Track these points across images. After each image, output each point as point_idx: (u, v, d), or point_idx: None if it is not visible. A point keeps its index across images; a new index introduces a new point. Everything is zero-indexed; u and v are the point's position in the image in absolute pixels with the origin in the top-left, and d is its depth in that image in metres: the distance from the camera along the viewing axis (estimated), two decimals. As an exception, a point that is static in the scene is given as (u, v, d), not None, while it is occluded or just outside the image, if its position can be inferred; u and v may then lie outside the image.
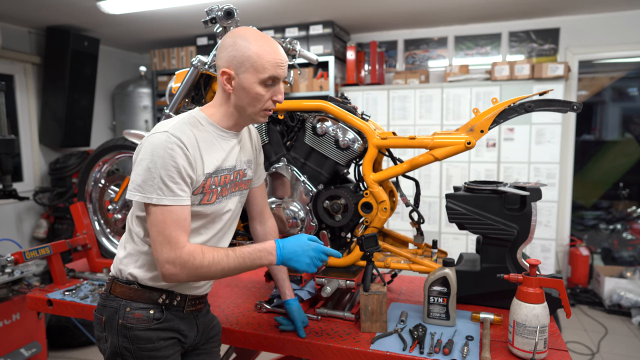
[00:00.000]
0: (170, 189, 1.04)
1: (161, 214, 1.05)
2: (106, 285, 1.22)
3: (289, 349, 1.37)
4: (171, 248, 1.04)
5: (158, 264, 1.06)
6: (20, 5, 3.53)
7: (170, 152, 1.04)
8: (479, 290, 1.52)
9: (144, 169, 1.04)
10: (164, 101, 4.72)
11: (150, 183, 1.04)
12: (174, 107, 1.71)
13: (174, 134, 1.06)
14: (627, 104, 5.61)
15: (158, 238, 1.05)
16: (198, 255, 1.06)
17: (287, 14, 3.94)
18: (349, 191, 1.58)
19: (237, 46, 1.11)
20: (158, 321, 1.15)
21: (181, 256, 1.04)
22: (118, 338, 1.14)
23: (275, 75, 1.13)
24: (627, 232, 4.64)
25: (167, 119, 1.70)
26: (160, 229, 1.05)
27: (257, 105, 1.15)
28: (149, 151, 1.05)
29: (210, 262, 1.07)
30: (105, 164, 2.13)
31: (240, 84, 1.12)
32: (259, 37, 1.12)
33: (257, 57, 1.10)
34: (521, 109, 1.44)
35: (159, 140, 1.05)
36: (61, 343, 3.24)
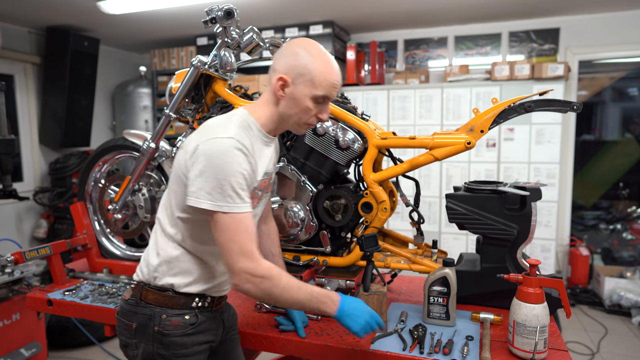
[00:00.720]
0: (240, 196, 1.04)
1: (232, 222, 1.04)
2: (132, 291, 1.20)
3: (289, 349, 1.37)
4: (248, 259, 1.04)
5: (232, 272, 1.05)
6: (20, 5, 3.53)
7: (238, 159, 1.04)
8: (479, 290, 1.52)
9: (211, 176, 1.03)
10: (164, 101, 4.72)
11: (220, 190, 1.02)
12: (174, 107, 1.71)
13: (240, 140, 1.06)
14: (627, 104, 5.61)
15: (232, 246, 1.04)
16: (275, 274, 1.06)
17: (287, 14, 3.94)
18: (349, 191, 1.58)
19: (301, 57, 1.11)
20: (193, 326, 1.16)
21: (258, 269, 1.04)
22: (153, 345, 1.14)
23: (328, 95, 1.14)
24: (627, 232, 4.64)
25: (168, 119, 1.71)
26: (232, 237, 1.04)
27: (302, 117, 1.16)
28: (217, 158, 1.03)
29: (284, 285, 1.07)
30: (105, 164, 2.13)
31: (292, 93, 1.13)
32: (323, 55, 1.14)
33: (318, 74, 1.11)
34: (521, 109, 1.44)
35: (226, 147, 1.03)
36: (61, 343, 3.24)
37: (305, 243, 1.64)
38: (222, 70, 1.64)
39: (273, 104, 1.17)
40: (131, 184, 1.90)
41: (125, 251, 2.10)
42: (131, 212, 2.02)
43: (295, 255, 1.65)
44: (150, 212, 1.95)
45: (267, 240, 1.47)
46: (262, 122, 1.17)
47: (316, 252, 1.63)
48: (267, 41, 1.65)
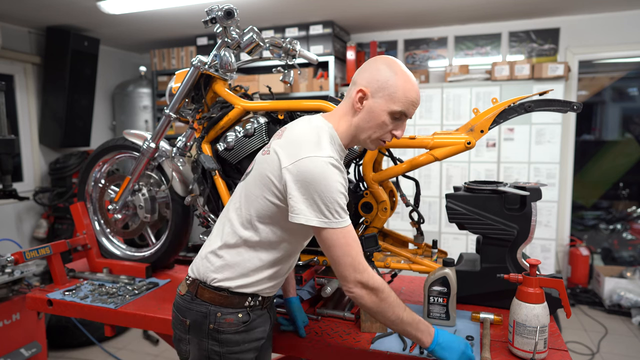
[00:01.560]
0: (344, 211, 1.08)
1: (343, 237, 1.07)
2: (188, 287, 1.22)
3: (289, 349, 1.37)
4: (362, 271, 1.08)
5: (346, 283, 1.09)
6: (20, 5, 3.53)
7: (338, 178, 1.07)
8: (479, 290, 1.52)
9: (317, 196, 1.05)
10: (164, 101, 4.72)
11: (327, 209, 1.05)
12: (174, 107, 1.71)
13: (335, 157, 1.09)
14: (627, 104, 5.61)
15: (346, 259, 1.07)
16: (386, 288, 1.10)
17: (287, 14, 3.94)
18: (349, 191, 1.58)
19: (383, 72, 1.12)
20: (245, 324, 1.19)
21: (372, 281, 1.08)
22: (208, 342, 1.17)
23: (405, 112, 1.14)
24: (627, 232, 4.64)
25: (168, 119, 1.71)
26: (346, 252, 1.07)
27: (376, 132, 1.16)
28: (319, 177, 1.05)
29: (392, 302, 1.10)
30: (105, 164, 2.13)
31: (370, 107, 1.13)
32: (406, 73, 1.14)
33: (398, 89, 1.11)
34: (521, 109, 1.44)
35: (325, 166, 1.06)
36: (61, 343, 3.24)
37: (305, 243, 1.64)
38: (222, 70, 1.63)
39: (350, 116, 1.17)
40: (131, 184, 1.90)
41: (125, 251, 2.11)
42: (131, 212, 2.02)
43: (295, 255, 1.65)
44: (150, 212, 1.95)
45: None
46: (341, 136, 1.18)
47: (316, 252, 1.63)
48: (267, 41, 1.65)
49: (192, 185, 1.73)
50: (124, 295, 1.73)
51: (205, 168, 1.60)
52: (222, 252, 1.19)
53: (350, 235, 1.09)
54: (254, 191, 1.15)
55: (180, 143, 1.76)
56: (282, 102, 1.60)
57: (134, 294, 1.74)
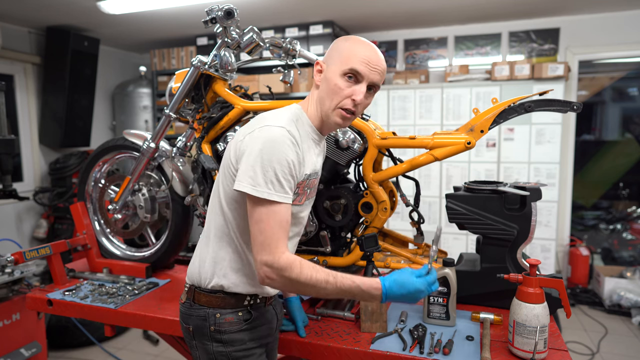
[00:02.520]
0: (281, 185, 1.03)
1: (266, 212, 1.03)
2: (186, 294, 1.23)
3: (289, 349, 1.37)
4: (270, 251, 1.03)
5: (255, 263, 1.06)
6: (20, 5, 3.53)
7: (286, 149, 1.03)
8: (479, 290, 1.52)
9: (257, 162, 1.02)
10: (164, 101, 4.72)
11: (262, 175, 1.01)
12: (174, 107, 1.71)
13: (290, 130, 1.06)
14: (627, 104, 5.61)
15: (259, 237, 1.04)
16: (296, 268, 1.03)
17: (287, 14, 3.94)
18: (349, 191, 1.58)
19: (337, 43, 1.14)
20: (247, 322, 1.19)
21: (278, 262, 1.03)
22: (212, 344, 1.17)
23: (357, 70, 1.08)
24: (627, 232, 4.64)
25: (168, 119, 1.71)
26: (262, 228, 1.03)
27: (333, 98, 1.11)
28: (265, 144, 1.02)
29: (306, 280, 1.03)
30: (105, 164, 2.13)
31: (325, 76, 1.13)
32: (360, 40, 1.13)
33: (346, 50, 1.10)
34: (521, 109, 1.44)
35: (276, 135, 1.03)
36: (61, 343, 3.24)
37: (305, 243, 1.64)
38: (222, 70, 1.64)
39: (313, 94, 1.17)
40: (131, 184, 1.90)
41: (125, 251, 2.11)
42: (131, 212, 2.02)
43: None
44: (150, 212, 1.95)
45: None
46: (312, 118, 1.17)
47: (316, 252, 1.63)
48: (267, 41, 1.65)
49: (192, 185, 1.73)
50: (124, 295, 1.73)
51: (205, 168, 1.60)
52: (207, 253, 1.19)
53: (276, 215, 1.03)
54: (220, 178, 1.16)
55: (180, 143, 1.76)
56: (282, 102, 1.60)
57: (134, 294, 1.74)
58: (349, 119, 1.14)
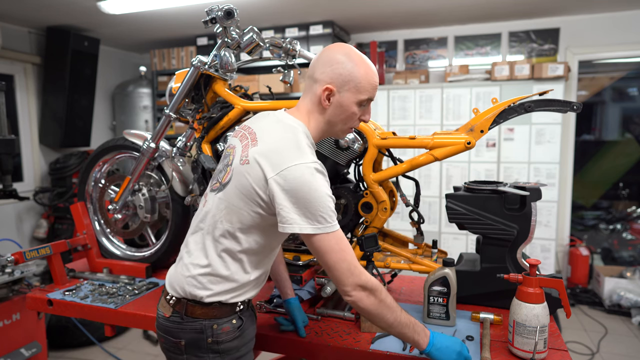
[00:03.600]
0: (334, 214, 1.08)
1: (335, 242, 1.07)
2: (174, 308, 1.18)
3: (289, 349, 1.37)
4: (359, 274, 1.08)
5: (344, 287, 1.08)
6: (20, 5, 3.53)
7: (323, 182, 1.07)
8: (479, 290, 1.52)
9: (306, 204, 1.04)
10: (164, 101, 4.72)
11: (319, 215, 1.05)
12: (174, 107, 1.71)
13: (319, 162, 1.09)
14: (627, 104, 5.61)
15: (342, 265, 1.07)
16: (383, 289, 1.11)
17: (287, 14, 3.94)
18: (349, 191, 1.58)
19: (343, 65, 1.13)
20: (239, 328, 1.19)
21: (370, 283, 1.08)
22: (208, 356, 1.16)
23: (371, 97, 1.17)
24: (627, 232, 4.64)
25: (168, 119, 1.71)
26: (341, 257, 1.07)
27: (348, 123, 1.19)
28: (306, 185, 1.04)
29: (390, 303, 1.11)
30: (106, 164, 2.13)
31: (339, 102, 1.14)
32: (364, 61, 1.15)
33: (362, 79, 1.13)
34: (521, 109, 1.44)
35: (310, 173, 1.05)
36: (61, 343, 3.24)
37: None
38: (222, 70, 1.63)
39: (318, 113, 1.18)
40: (131, 184, 1.90)
41: (125, 251, 2.11)
42: (131, 212, 2.02)
43: (295, 255, 1.65)
44: (150, 212, 1.95)
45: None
46: (312, 133, 1.19)
47: (316, 252, 1.63)
48: (267, 41, 1.65)
49: (192, 185, 1.73)
50: (124, 295, 1.73)
51: (205, 168, 1.60)
52: (206, 269, 1.15)
53: (343, 239, 1.09)
54: (237, 203, 1.11)
55: (180, 143, 1.76)
56: (282, 102, 1.60)
57: (134, 294, 1.74)
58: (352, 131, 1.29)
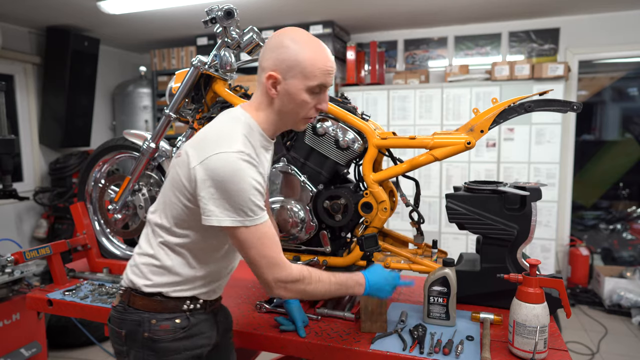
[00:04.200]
0: (260, 207, 1.02)
1: (257, 237, 1.03)
2: (121, 297, 1.16)
3: (289, 349, 1.37)
4: (280, 268, 1.05)
5: (267, 284, 1.06)
6: (20, 5, 3.53)
7: (251, 173, 1.00)
8: (479, 290, 1.52)
9: (227, 195, 0.99)
10: (164, 101, 4.72)
11: (240, 208, 1.00)
12: (174, 107, 1.71)
13: (248, 152, 1.02)
14: (627, 104, 5.61)
15: (262, 261, 1.04)
16: (307, 275, 1.09)
17: (287, 14, 3.94)
18: (349, 191, 1.58)
19: (287, 49, 1.04)
20: (184, 329, 1.12)
21: (292, 274, 1.06)
22: (143, 352, 1.11)
23: (324, 83, 1.08)
24: (627, 232, 4.64)
25: (168, 119, 1.71)
26: (261, 252, 1.03)
27: (300, 112, 1.10)
28: (229, 175, 0.98)
29: (316, 280, 1.11)
30: (106, 164, 2.13)
31: (286, 90, 1.06)
32: (310, 41, 1.06)
33: (308, 64, 1.04)
34: (521, 109, 1.44)
35: (236, 162, 0.99)
36: (61, 343, 3.24)
37: (305, 243, 1.64)
38: (222, 70, 1.64)
39: (267, 104, 1.10)
40: (131, 184, 1.90)
41: (125, 251, 2.10)
42: (131, 212, 2.02)
43: (295, 255, 1.65)
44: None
45: None
46: (263, 126, 1.12)
47: (316, 252, 1.63)
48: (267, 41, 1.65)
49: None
50: (124, 295, 1.73)
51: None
52: (149, 259, 1.13)
53: (266, 233, 1.03)
54: (170, 197, 1.10)
55: (180, 143, 1.76)
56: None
57: (134, 294, 1.73)
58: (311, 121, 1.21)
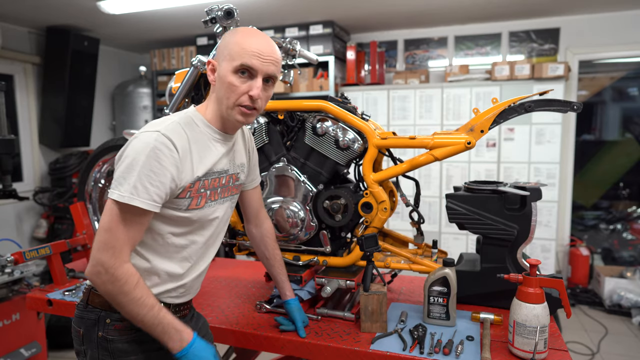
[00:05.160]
0: (146, 189, 0.98)
1: (122, 213, 0.98)
2: (83, 296, 1.14)
3: (289, 349, 1.37)
4: (113, 254, 0.98)
5: (92, 258, 0.99)
6: (20, 5, 3.53)
7: (158, 153, 0.98)
8: (479, 290, 1.52)
9: (126, 166, 0.99)
10: (164, 101, 4.72)
11: (127, 179, 0.98)
12: (174, 107, 1.71)
13: (166, 134, 1.01)
14: (627, 104, 5.61)
15: (105, 235, 0.98)
16: (132, 282, 1.00)
17: (287, 14, 3.94)
18: (349, 191, 1.58)
19: (225, 38, 1.11)
20: (140, 332, 1.06)
21: (117, 270, 0.98)
22: (98, 352, 1.08)
23: (248, 64, 1.05)
24: (627, 232, 4.64)
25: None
26: (112, 227, 0.98)
27: (230, 96, 1.08)
28: (136, 149, 0.99)
29: (135, 298, 0.99)
30: (105, 164, 2.13)
31: (219, 74, 1.09)
32: (248, 31, 1.10)
33: (235, 44, 1.07)
34: (521, 109, 1.44)
35: (148, 139, 0.99)
36: (61, 343, 3.23)
37: (305, 243, 1.64)
38: (222, 70, 1.63)
39: (212, 96, 1.14)
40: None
41: (125, 251, 2.10)
42: (131, 212, 2.02)
43: (295, 255, 1.65)
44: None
45: (261, 244, 1.45)
46: (209, 118, 1.13)
47: (316, 252, 1.63)
48: None
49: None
50: (124, 295, 1.73)
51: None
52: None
53: (131, 219, 0.98)
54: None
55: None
56: (282, 102, 1.60)
57: (134, 294, 1.73)
58: (250, 114, 1.11)
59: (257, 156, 1.42)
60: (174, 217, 1.08)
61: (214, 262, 2.17)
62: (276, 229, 1.60)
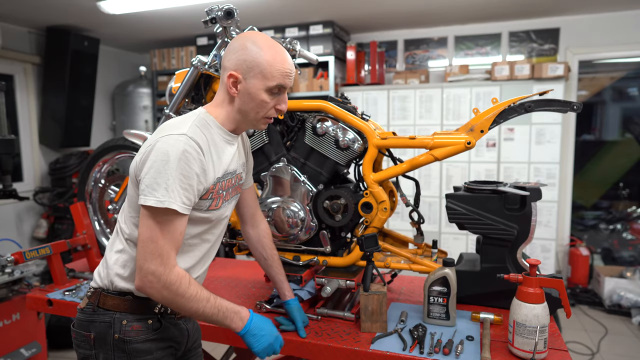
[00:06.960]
0: (179, 194, 1.00)
1: (161, 221, 1.00)
2: (90, 299, 1.14)
3: (289, 349, 1.37)
4: (161, 262, 1.00)
5: (140, 270, 1.01)
6: (20, 5, 3.53)
7: (188, 156, 1.01)
8: (479, 290, 1.52)
9: (156, 171, 0.99)
10: (164, 101, 4.72)
11: (161, 184, 0.99)
12: (174, 107, 1.71)
13: (193, 137, 1.03)
14: (627, 104, 5.60)
15: (149, 245, 1.00)
16: (185, 282, 1.03)
17: (287, 14, 3.94)
18: (349, 191, 1.58)
19: (248, 51, 1.09)
20: (156, 331, 1.12)
21: (169, 275, 1.01)
22: (114, 354, 1.09)
23: (282, 84, 1.12)
24: (627, 232, 4.64)
25: (168, 119, 1.71)
26: (153, 236, 1.00)
27: (260, 112, 1.14)
28: (166, 152, 0.99)
29: (191, 296, 1.04)
30: (105, 164, 2.13)
31: (246, 89, 1.11)
32: (271, 45, 1.11)
33: (267, 65, 1.08)
34: (521, 109, 1.44)
35: (177, 143, 1.01)
36: (61, 343, 3.23)
37: (305, 243, 1.64)
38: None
39: (229, 102, 1.15)
40: (131, 184, 1.90)
41: (125, 251, 2.10)
42: (131, 212, 2.02)
43: (295, 255, 1.65)
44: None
45: (258, 245, 1.46)
46: (221, 121, 1.15)
47: (316, 252, 1.63)
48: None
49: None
50: (124, 295, 1.73)
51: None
52: (119, 254, 1.12)
53: (171, 224, 1.01)
54: (130, 192, 1.12)
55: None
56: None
57: (134, 294, 1.73)
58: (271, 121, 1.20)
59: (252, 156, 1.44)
60: (195, 218, 1.11)
61: (214, 262, 2.17)
62: (276, 229, 1.60)
